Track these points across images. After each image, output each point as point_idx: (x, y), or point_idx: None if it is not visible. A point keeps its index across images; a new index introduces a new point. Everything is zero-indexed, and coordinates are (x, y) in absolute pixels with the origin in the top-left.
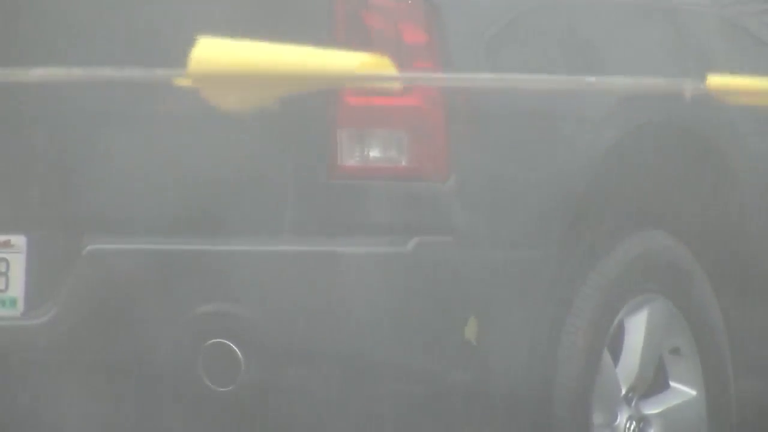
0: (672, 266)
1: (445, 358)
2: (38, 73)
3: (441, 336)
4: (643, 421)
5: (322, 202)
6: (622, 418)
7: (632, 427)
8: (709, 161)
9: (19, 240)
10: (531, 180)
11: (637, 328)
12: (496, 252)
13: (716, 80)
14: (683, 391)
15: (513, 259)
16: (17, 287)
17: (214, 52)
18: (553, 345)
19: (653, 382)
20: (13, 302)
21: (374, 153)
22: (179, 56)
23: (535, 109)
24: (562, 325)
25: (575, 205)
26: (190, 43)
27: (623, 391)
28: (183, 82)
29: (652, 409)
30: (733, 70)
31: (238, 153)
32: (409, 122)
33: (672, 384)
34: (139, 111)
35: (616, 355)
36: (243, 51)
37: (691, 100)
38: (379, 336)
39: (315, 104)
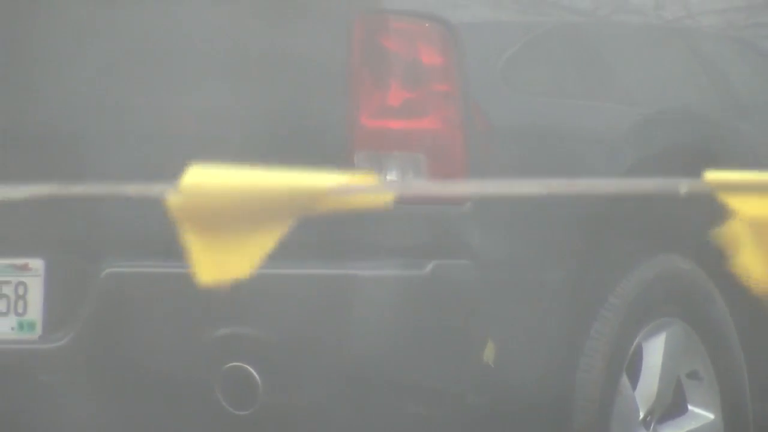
0: (690, 290)
1: (463, 380)
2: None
3: (458, 359)
4: None
5: (339, 225)
6: None
7: None
8: None
9: (37, 263)
10: (549, 202)
11: (655, 351)
12: (513, 275)
13: (713, 176)
14: (701, 415)
15: (531, 282)
16: (35, 310)
17: (203, 178)
18: (572, 368)
19: (671, 406)
20: (32, 325)
21: (391, 176)
22: (188, 75)
23: (554, 131)
24: (581, 348)
25: (594, 227)
26: (200, 60)
27: (641, 415)
28: (174, 200)
29: None
30: (749, 93)
31: None
32: (426, 145)
33: (690, 408)
34: (155, 130)
35: (634, 379)
36: (232, 176)
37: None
38: (396, 359)
39: (332, 127)
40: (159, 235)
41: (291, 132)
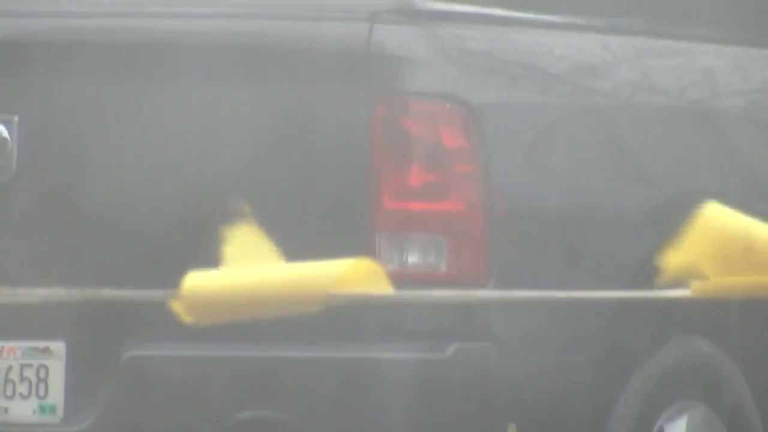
0: (711, 372)
1: None
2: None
3: None
4: None
5: (360, 307)
6: None
7: None
8: None
9: (58, 346)
10: (570, 285)
11: None
12: (535, 358)
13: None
14: None
15: (553, 365)
16: (57, 394)
17: (204, 280)
18: None
19: None
20: (53, 409)
21: (413, 258)
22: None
23: (576, 213)
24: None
25: (615, 310)
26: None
27: None
28: (177, 305)
29: None
30: None
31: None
32: (447, 227)
33: None
34: (177, 211)
35: None
36: (231, 277)
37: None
38: None
39: (353, 208)
40: (180, 318)
41: (312, 213)
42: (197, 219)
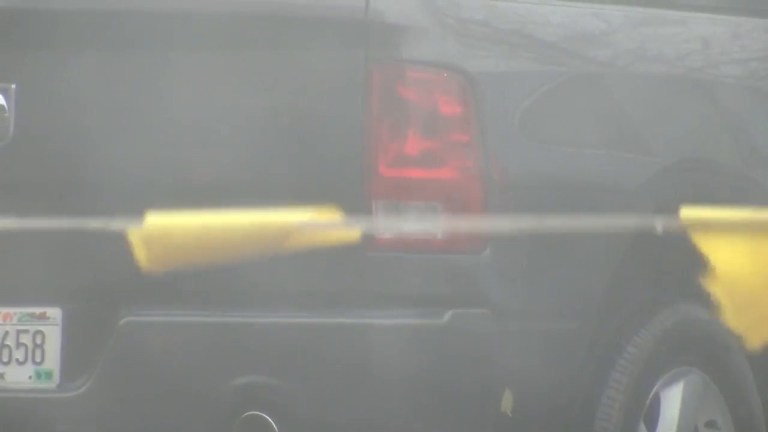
0: (708, 339)
1: (481, 430)
2: None
3: (476, 408)
4: None
5: (358, 274)
6: None
7: None
8: None
9: (54, 312)
10: (567, 251)
11: (672, 400)
12: (532, 324)
13: (689, 213)
14: None
15: (549, 331)
16: (53, 359)
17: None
18: (590, 417)
19: None
20: (49, 374)
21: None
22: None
23: (572, 181)
24: (599, 398)
25: (611, 277)
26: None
27: None
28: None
29: None
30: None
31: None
32: (444, 194)
33: None
34: (171, 179)
35: (651, 428)
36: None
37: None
38: (414, 408)
39: (351, 176)
40: (177, 284)
41: (309, 180)
42: (194, 184)
